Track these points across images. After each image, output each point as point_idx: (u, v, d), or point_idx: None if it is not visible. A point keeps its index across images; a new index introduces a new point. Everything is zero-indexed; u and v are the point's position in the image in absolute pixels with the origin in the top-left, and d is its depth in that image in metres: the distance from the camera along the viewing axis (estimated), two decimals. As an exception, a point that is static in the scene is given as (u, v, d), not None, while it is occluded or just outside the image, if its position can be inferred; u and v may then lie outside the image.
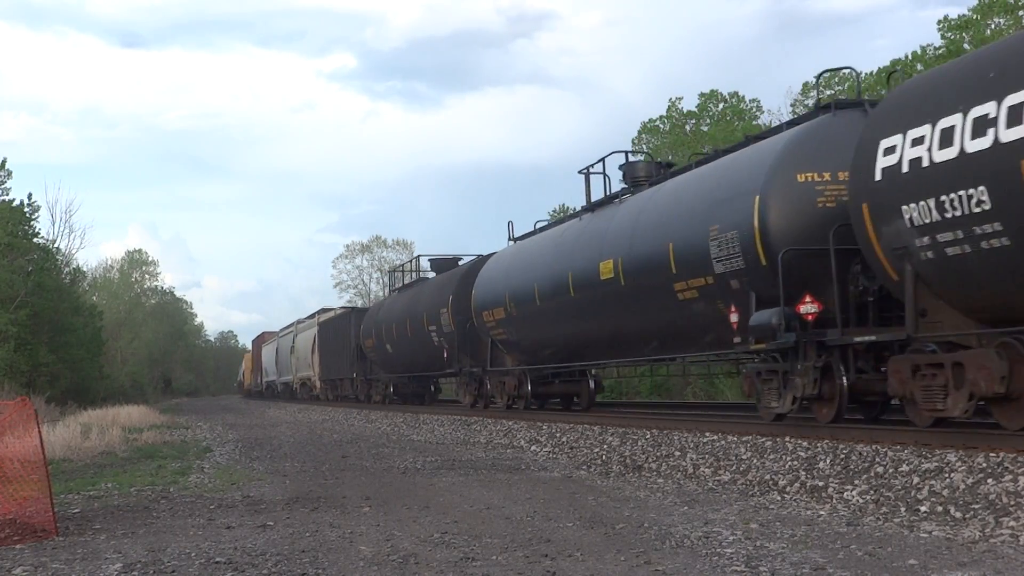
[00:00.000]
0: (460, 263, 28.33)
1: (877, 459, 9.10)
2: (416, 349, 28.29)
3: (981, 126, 8.85)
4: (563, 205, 54.09)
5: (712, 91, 45.69)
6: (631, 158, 19.24)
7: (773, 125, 21.09)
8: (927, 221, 9.52)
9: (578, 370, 20.54)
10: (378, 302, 37.71)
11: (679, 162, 22.33)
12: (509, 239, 23.52)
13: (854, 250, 11.20)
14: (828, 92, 36.73)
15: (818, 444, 10.37)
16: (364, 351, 35.28)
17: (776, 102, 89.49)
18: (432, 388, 34.00)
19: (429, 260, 30.51)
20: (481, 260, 25.11)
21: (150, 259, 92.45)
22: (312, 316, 52.34)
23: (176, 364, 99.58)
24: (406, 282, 32.97)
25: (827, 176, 12.06)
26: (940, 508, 7.45)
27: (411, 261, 32.11)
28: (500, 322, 21.62)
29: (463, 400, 25.80)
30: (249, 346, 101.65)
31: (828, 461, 9.52)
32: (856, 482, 8.66)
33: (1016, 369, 9.05)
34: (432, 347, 26.53)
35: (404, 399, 33.89)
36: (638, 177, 17.58)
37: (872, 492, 8.26)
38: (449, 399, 37.82)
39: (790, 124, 13.55)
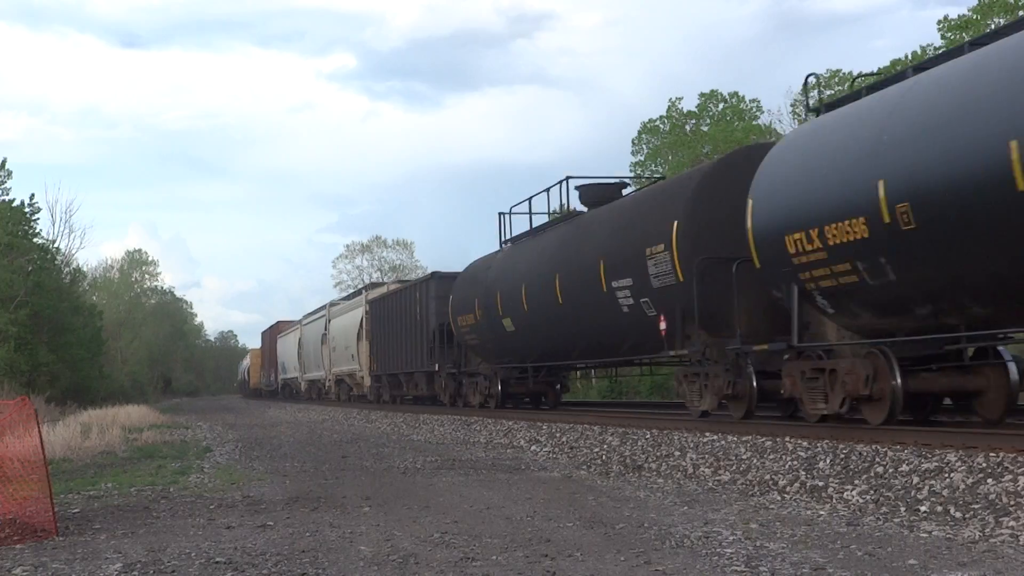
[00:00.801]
0: (627, 192, 18.98)
1: (877, 459, 9.09)
2: (578, 320, 17.84)
3: None
4: (563, 205, 54.07)
5: (712, 91, 45.76)
6: None
7: (773, 125, 14.86)
8: None
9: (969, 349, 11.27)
10: (482, 260, 24.42)
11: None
12: (807, 109, 13.81)
13: None
14: (828, 92, 36.69)
15: (818, 444, 10.36)
16: (456, 333, 24.55)
17: (776, 102, 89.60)
18: (558, 386, 23.51)
19: (577, 188, 19.53)
20: (747, 150, 15.09)
21: (150, 259, 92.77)
22: (354, 295, 43.15)
23: (176, 364, 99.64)
24: (534, 224, 21.69)
25: None
26: (940, 508, 7.45)
27: (548, 190, 20.47)
28: (853, 249, 10.70)
29: (693, 404, 15.03)
30: (251, 345, 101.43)
31: (828, 461, 9.52)
32: (856, 482, 8.66)
33: None
34: (618, 316, 16.13)
35: (515, 401, 23.52)
36: None
37: (872, 492, 8.26)
38: (577, 402, 29.36)
39: None
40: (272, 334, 66.11)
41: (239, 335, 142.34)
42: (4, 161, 39.35)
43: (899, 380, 10.94)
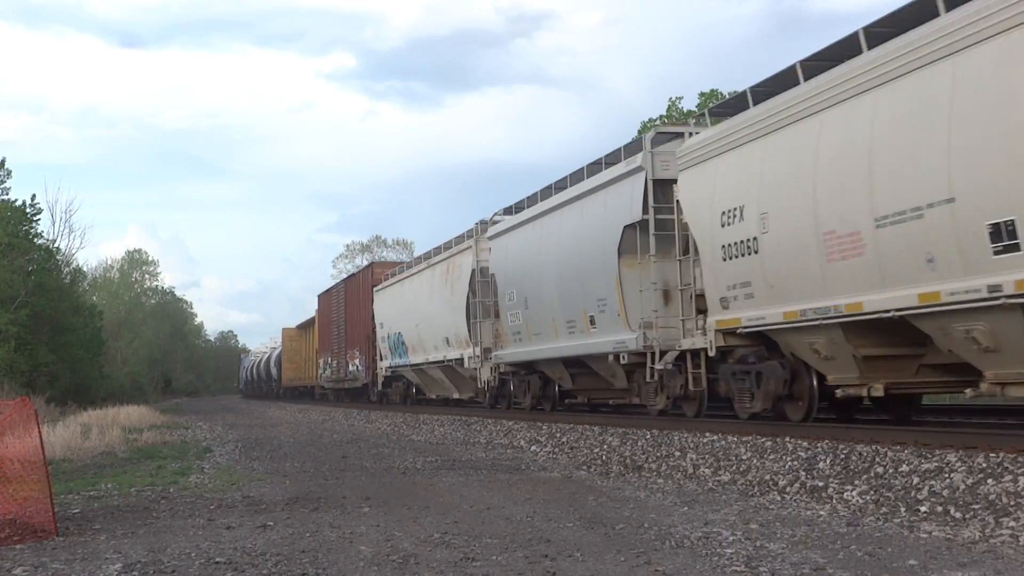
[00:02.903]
0: None
1: (877, 459, 9.09)
2: None
3: None
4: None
5: (712, 91, 45.69)
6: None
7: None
8: None
9: None
10: None
11: None
12: None
13: None
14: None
15: (818, 444, 10.37)
16: None
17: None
18: None
19: None
20: None
21: (150, 259, 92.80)
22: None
23: (176, 364, 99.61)
24: None
25: None
26: (940, 508, 7.45)
27: None
28: None
29: None
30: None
31: (828, 461, 9.52)
32: (856, 482, 8.66)
33: None
34: None
35: None
36: None
37: (872, 492, 8.26)
38: None
39: None
40: (356, 289, 37.33)
41: (239, 335, 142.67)
42: (4, 161, 39.36)
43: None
